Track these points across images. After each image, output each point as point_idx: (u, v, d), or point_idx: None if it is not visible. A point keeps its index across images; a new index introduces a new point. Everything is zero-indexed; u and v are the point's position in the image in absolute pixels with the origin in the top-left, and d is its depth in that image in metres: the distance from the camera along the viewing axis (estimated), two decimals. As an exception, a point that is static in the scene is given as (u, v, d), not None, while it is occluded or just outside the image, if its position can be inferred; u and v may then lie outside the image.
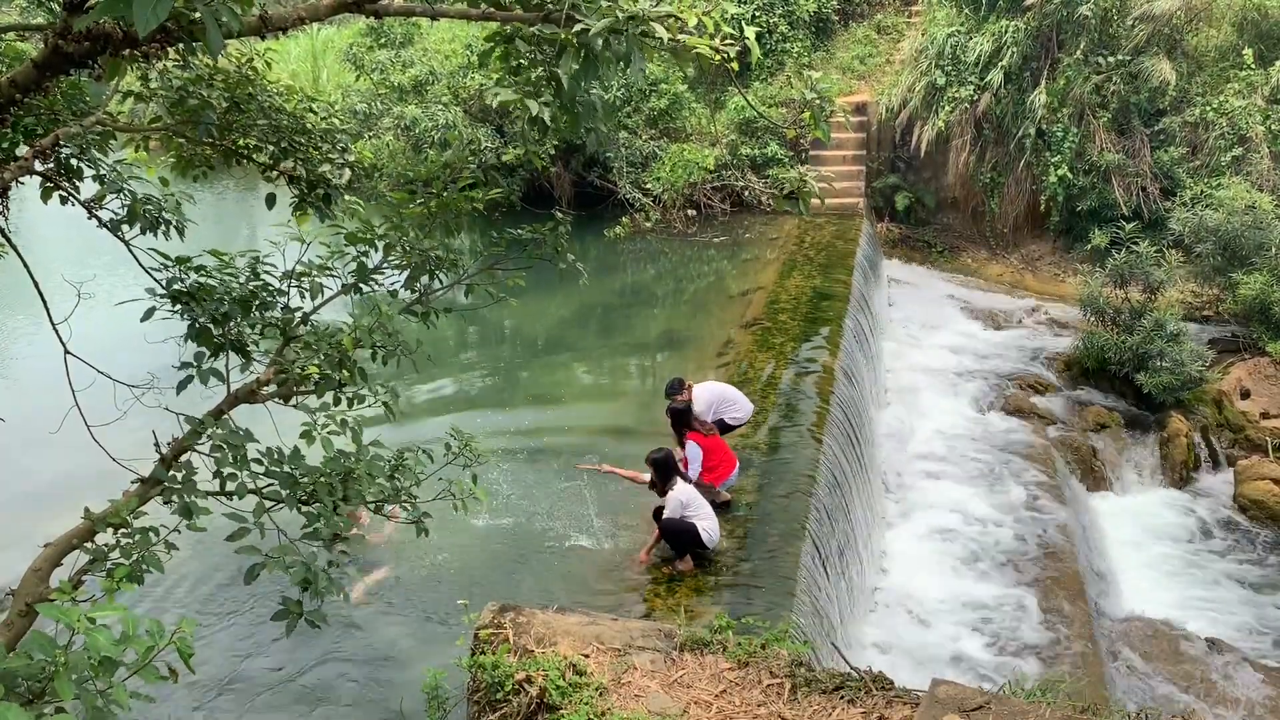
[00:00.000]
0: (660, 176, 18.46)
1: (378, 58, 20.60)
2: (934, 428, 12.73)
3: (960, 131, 17.73)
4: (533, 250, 4.95)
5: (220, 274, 4.42)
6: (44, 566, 3.89)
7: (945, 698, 4.68)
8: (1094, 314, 13.99)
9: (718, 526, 7.47)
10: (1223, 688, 8.84)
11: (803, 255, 15.59)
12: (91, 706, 2.57)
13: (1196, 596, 10.37)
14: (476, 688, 5.40)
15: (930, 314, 16.39)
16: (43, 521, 8.85)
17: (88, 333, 5.04)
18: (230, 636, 7.43)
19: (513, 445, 10.14)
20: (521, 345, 13.63)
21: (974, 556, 10.06)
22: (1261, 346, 13.22)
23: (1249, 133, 15.68)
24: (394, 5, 3.83)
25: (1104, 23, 16.47)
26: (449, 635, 7.17)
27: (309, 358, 4.28)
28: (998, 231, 18.35)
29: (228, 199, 23.06)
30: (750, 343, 11.95)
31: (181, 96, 4.37)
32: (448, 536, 8.46)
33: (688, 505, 7.35)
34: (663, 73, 18.71)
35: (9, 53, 4.46)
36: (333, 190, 4.81)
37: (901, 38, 20.20)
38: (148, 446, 4.14)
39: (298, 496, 4.01)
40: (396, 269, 4.89)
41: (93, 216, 4.44)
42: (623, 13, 3.25)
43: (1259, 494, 11.72)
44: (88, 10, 3.29)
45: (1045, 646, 8.75)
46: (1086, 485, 12.21)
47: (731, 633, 5.70)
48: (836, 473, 9.10)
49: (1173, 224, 14.66)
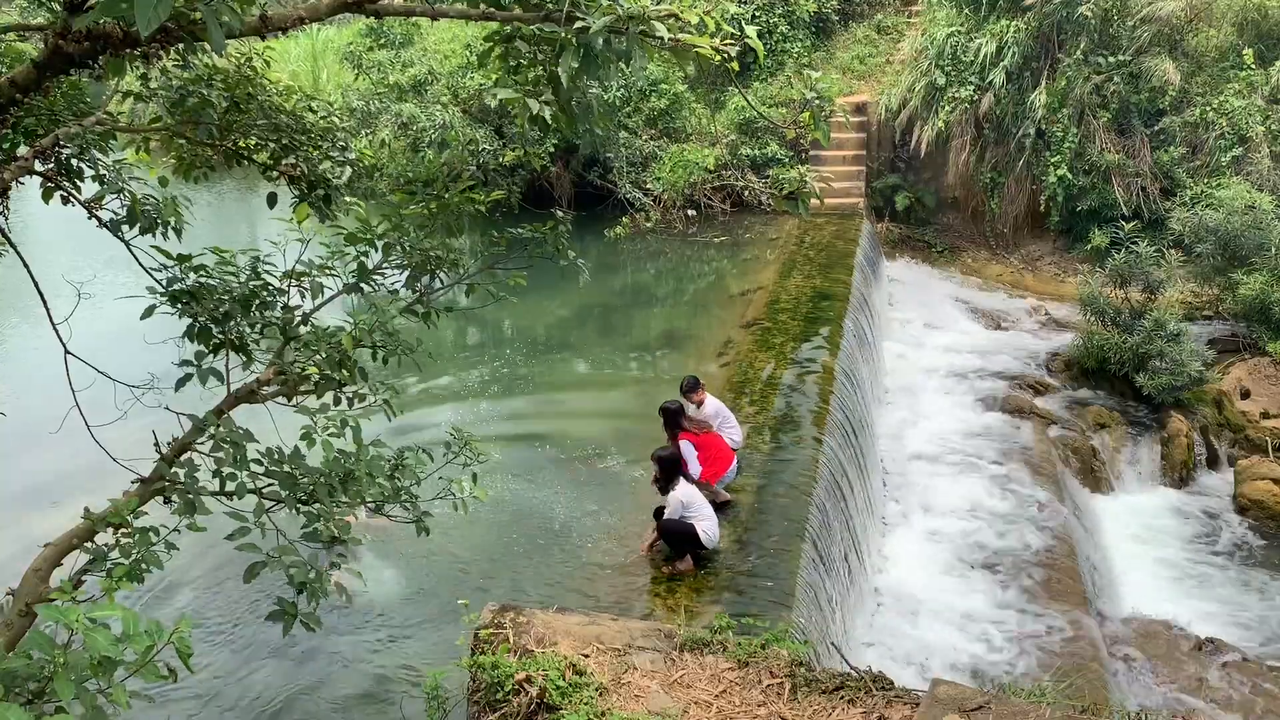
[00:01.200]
0: (660, 176, 18.46)
1: (377, 58, 20.62)
2: (934, 428, 12.72)
3: (960, 131, 17.73)
4: (533, 250, 4.95)
5: (220, 273, 4.42)
6: (44, 566, 3.89)
7: (945, 698, 4.68)
8: (1094, 314, 13.99)
9: (718, 527, 7.48)
10: (1222, 688, 8.84)
11: (803, 255, 15.59)
12: (91, 706, 2.56)
13: (1196, 596, 10.37)
14: (476, 688, 5.40)
15: (930, 314, 16.38)
16: (43, 521, 8.87)
17: (88, 332, 5.04)
18: (230, 636, 7.43)
19: (513, 445, 10.15)
20: (522, 345, 13.63)
21: (974, 556, 10.06)
22: (1261, 346, 13.22)
23: (1249, 133, 15.68)
24: (394, 5, 3.83)
25: (1104, 23, 16.47)
26: (449, 635, 7.18)
27: (309, 357, 4.28)
28: (998, 231, 18.35)
29: (228, 199, 23.06)
30: (750, 342, 11.95)
31: (181, 96, 4.37)
32: (448, 536, 8.46)
33: (688, 506, 7.37)
34: (663, 73, 18.72)
35: (9, 53, 4.46)
36: (332, 189, 4.81)
37: (901, 38, 20.21)
38: (148, 446, 4.14)
39: (297, 497, 4.01)
40: (397, 269, 4.89)
41: (93, 216, 4.43)
42: (623, 11, 3.25)
43: (1259, 494, 11.72)
44: (88, 10, 3.28)
45: (1045, 646, 8.74)
46: (1086, 485, 12.21)
47: (731, 633, 5.71)
48: (836, 473, 9.09)
49: (1173, 224, 14.67)
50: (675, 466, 7.63)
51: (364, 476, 4.17)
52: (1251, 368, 13.24)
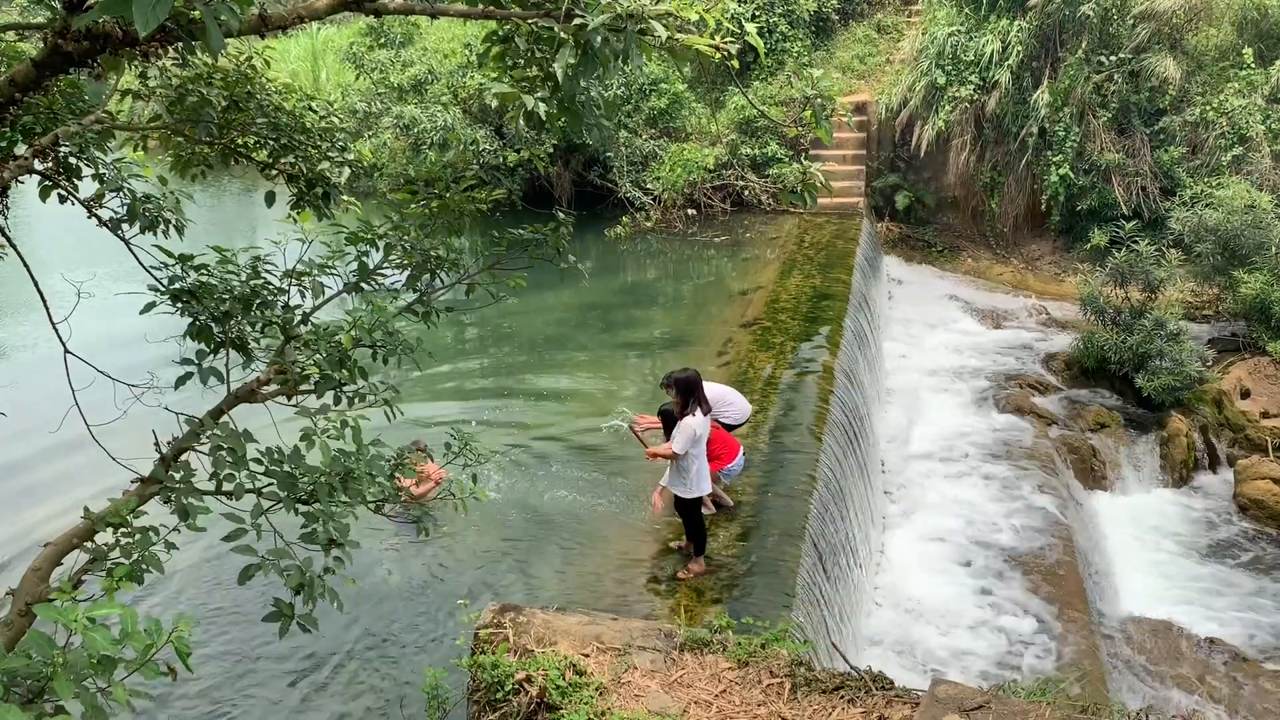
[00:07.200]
0: (660, 176, 18.46)
1: (377, 57, 20.62)
2: (934, 427, 12.73)
3: (960, 131, 17.73)
4: (534, 250, 4.94)
5: (221, 272, 4.41)
6: (44, 566, 3.88)
7: (945, 697, 4.67)
8: (1094, 313, 13.99)
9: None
10: (1222, 687, 8.84)
11: (803, 255, 15.59)
12: (90, 706, 2.56)
13: (1196, 596, 10.36)
14: (476, 687, 5.40)
15: (930, 313, 16.39)
16: (43, 521, 8.87)
17: (88, 332, 5.04)
18: (230, 636, 7.43)
19: (513, 445, 10.14)
20: (522, 344, 13.62)
21: (974, 556, 10.06)
22: (1261, 346, 13.21)
23: (1249, 132, 15.68)
24: (393, 3, 3.82)
25: (1104, 22, 16.47)
26: (449, 635, 7.18)
27: (309, 357, 4.27)
28: (998, 231, 18.35)
29: (227, 199, 23.06)
30: (750, 342, 11.95)
31: (180, 95, 4.36)
32: (448, 536, 8.46)
33: (697, 441, 7.14)
34: (663, 72, 18.72)
35: (9, 52, 4.45)
36: (331, 189, 4.80)
37: (901, 37, 20.21)
38: (148, 446, 4.13)
39: (297, 497, 4.00)
40: (398, 269, 4.88)
41: (92, 215, 4.43)
42: (622, 8, 3.24)
43: (1259, 494, 11.71)
44: (87, 9, 3.28)
45: (1045, 646, 8.74)
46: (1086, 485, 12.21)
47: (731, 633, 5.70)
48: (836, 473, 9.09)
49: (1173, 223, 14.66)
50: (693, 390, 7.25)
51: (364, 476, 4.16)
52: (1251, 367, 13.24)
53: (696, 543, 7.39)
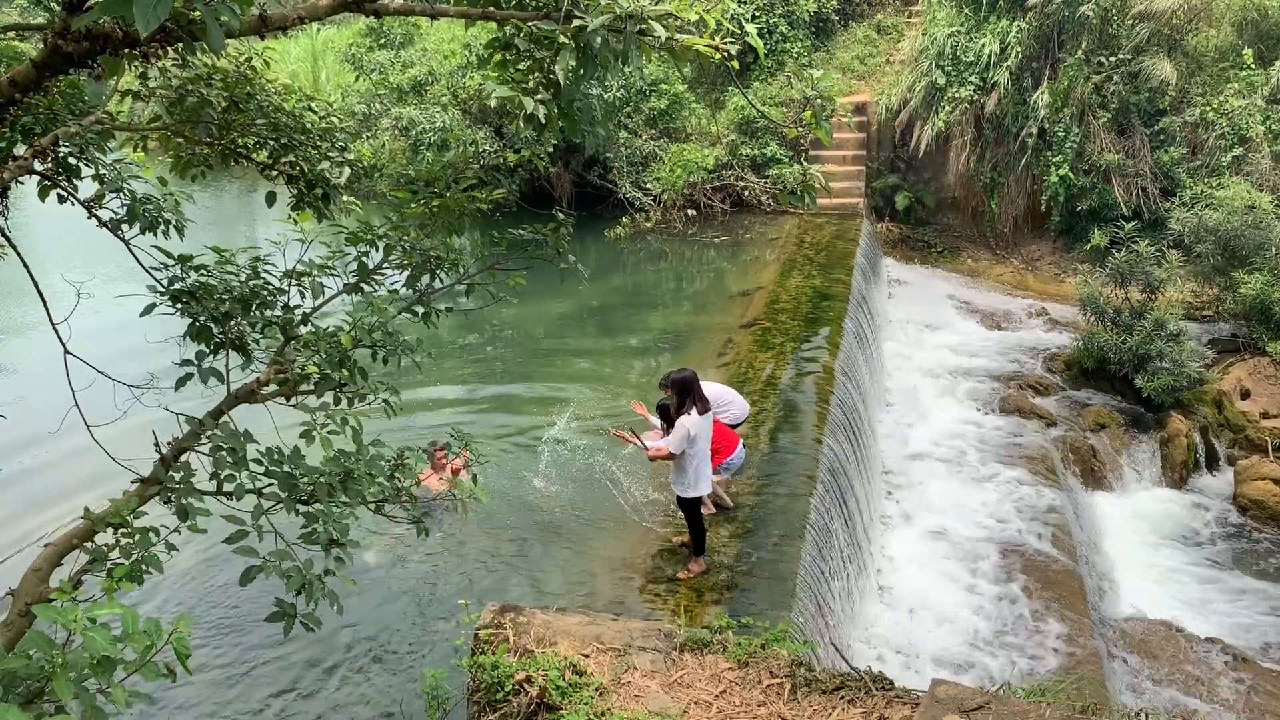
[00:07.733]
0: (660, 176, 18.46)
1: (377, 58, 20.63)
2: (934, 428, 12.73)
3: (960, 131, 17.73)
4: (534, 251, 4.94)
5: (221, 272, 4.42)
6: (44, 566, 3.88)
7: (945, 698, 4.67)
8: (1094, 314, 13.99)
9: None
10: (1223, 688, 8.83)
11: (802, 255, 15.59)
12: (90, 706, 2.56)
13: (1196, 596, 10.36)
14: (476, 688, 5.40)
15: (930, 314, 16.39)
16: (43, 522, 8.87)
17: (88, 332, 5.04)
18: (230, 636, 7.43)
19: (513, 445, 10.15)
20: (522, 344, 13.63)
21: (974, 556, 10.05)
22: (1261, 346, 13.21)
23: (1249, 133, 15.68)
24: (393, 4, 3.82)
25: (1104, 22, 16.47)
26: (449, 635, 7.18)
27: (309, 357, 4.27)
28: (998, 231, 18.35)
29: (227, 199, 23.06)
30: (750, 343, 11.95)
31: (180, 95, 4.36)
32: (448, 536, 8.47)
33: (694, 440, 7.13)
34: (663, 73, 18.72)
35: (9, 52, 4.45)
36: (331, 189, 4.80)
37: (901, 38, 20.22)
38: (148, 446, 4.13)
39: (297, 497, 4.00)
40: (397, 269, 4.88)
41: (92, 215, 4.43)
42: (621, 10, 3.24)
43: (1259, 494, 11.71)
44: (87, 10, 3.28)
45: (1045, 646, 8.74)
46: (1086, 485, 12.20)
47: (731, 633, 5.70)
48: (836, 473, 9.09)
49: (1173, 224, 14.66)
50: (689, 389, 7.24)
51: (364, 476, 4.16)
52: (1251, 368, 13.24)
53: (696, 542, 7.39)
